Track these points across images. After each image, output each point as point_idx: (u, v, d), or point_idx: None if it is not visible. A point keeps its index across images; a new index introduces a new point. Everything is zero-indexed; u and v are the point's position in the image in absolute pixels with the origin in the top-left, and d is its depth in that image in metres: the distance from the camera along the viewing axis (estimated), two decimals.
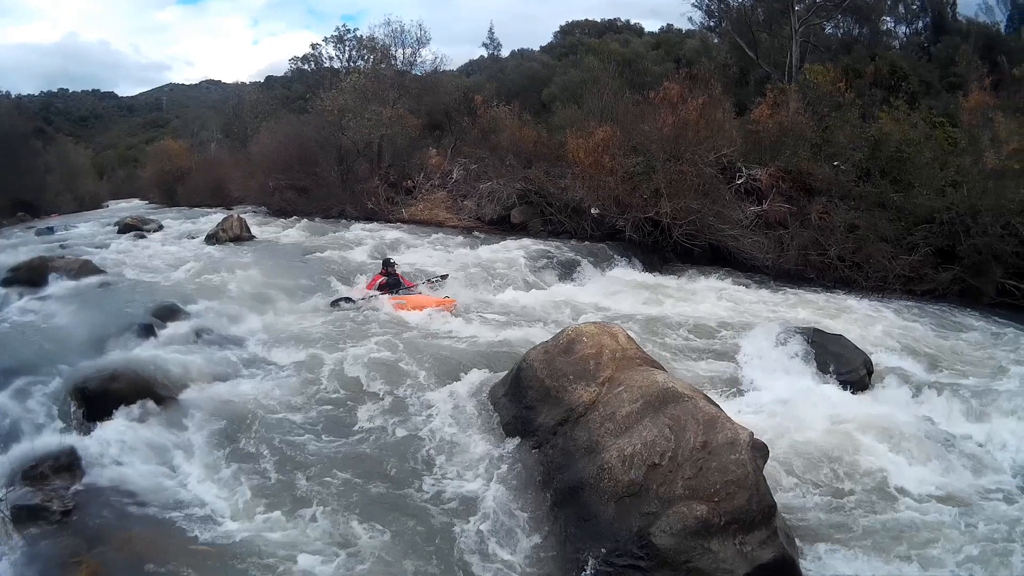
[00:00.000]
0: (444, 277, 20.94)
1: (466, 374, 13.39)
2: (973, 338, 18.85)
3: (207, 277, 21.35)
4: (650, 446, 8.81)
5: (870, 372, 14.78)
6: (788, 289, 23.98)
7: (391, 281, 19.71)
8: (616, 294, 21.51)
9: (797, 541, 8.99)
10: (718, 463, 8.44)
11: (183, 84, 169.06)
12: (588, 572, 8.23)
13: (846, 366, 14.56)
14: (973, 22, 50.06)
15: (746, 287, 23.94)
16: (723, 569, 7.90)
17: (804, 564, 8.63)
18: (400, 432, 11.49)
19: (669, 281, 24.51)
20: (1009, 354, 17.28)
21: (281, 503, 9.52)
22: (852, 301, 22.13)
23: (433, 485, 10.08)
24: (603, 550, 8.30)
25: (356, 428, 11.61)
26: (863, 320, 19.67)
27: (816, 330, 16.07)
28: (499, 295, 20.75)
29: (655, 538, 8.03)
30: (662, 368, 11.53)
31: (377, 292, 19.12)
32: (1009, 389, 14.54)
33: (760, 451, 9.06)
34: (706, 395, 10.31)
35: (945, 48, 45.19)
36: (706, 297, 21.91)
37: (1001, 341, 18.70)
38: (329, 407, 12.27)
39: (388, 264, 20.26)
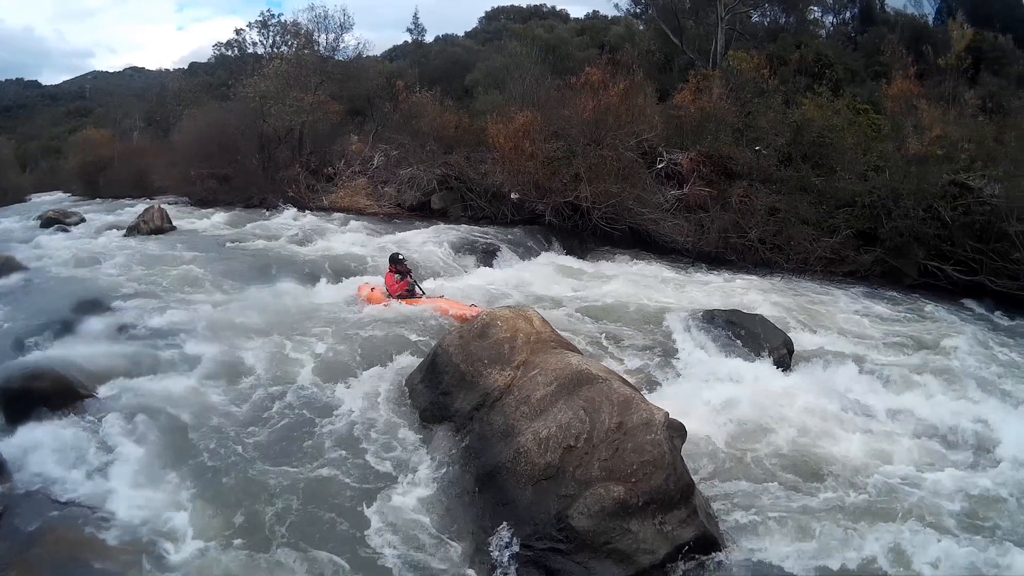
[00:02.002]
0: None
1: (385, 362, 13.38)
2: (894, 317, 19.36)
3: (130, 270, 20.90)
4: (565, 428, 8.79)
5: (790, 351, 14.83)
6: (709, 271, 24.21)
7: (402, 276, 17.84)
8: (536, 278, 21.43)
9: (720, 519, 9.11)
10: (634, 444, 8.44)
11: (107, 72, 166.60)
12: (508, 557, 8.19)
13: (766, 346, 14.60)
14: (901, 13, 50.95)
15: (666, 270, 24.03)
16: (643, 549, 7.97)
17: (726, 541, 8.70)
18: (318, 422, 11.34)
19: (589, 265, 24.58)
20: (930, 331, 17.79)
21: (202, 497, 9.31)
22: (773, 283, 22.50)
23: (350, 475, 9.94)
24: (523, 534, 8.27)
25: (276, 420, 11.39)
26: (784, 301, 19.93)
27: (735, 311, 16.26)
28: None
29: (573, 520, 8.03)
30: (577, 350, 11.60)
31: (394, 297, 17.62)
32: (930, 365, 14.98)
33: (677, 431, 9.04)
34: (621, 376, 10.34)
35: (872, 38, 45.66)
36: (625, 280, 21.89)
37: (922, 320, 19.28)
38: (250, 399, 12.03)
39: (397, 261, 17.96)
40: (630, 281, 21.76)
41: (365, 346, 14.13)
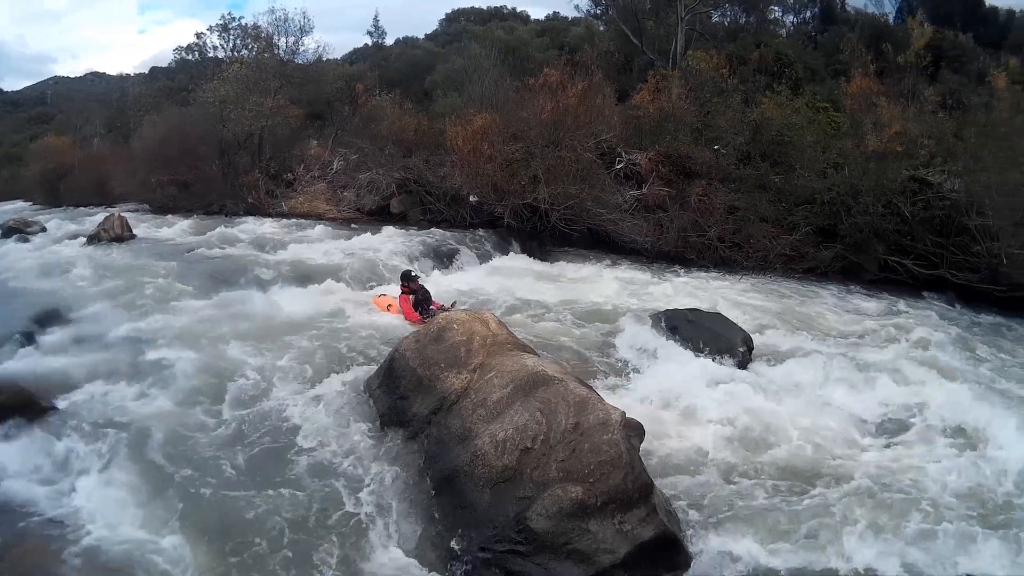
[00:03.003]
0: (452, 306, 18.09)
1: (344, 368, 13.38)
2: (855, 312, 19.64)
3: (90, 279, 20.66)
4: (522, 430, 8.81)
5: (750, 349, 14.95)
6: (668, 271, 24.34)
7: (419, 298, 17.26)
8: (494, 281, 21.40)
9: (683, 517, 9.19)
10: (591, 444, 8.45)
11: (69, 77, 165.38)
12: (468, 560, 8.23)
13: (725, 344, 14.69)
14: (862, 12, 51.48)
15: (625, 270, 24.13)
16: (604, 549, 7.99)
17: (688, 540, 8.79)
18: (278, 429, 11.24)
19: (548, 266, 24.63)
20: (890, 326, 17.93)
21: (165, 508, 9.21)
22: (733, 281, 22.78)
23: (310, 481, 9.89)
24: (482, 537, 8.30)
25: (237, 427, 11.28)
26: (744, 299, 20.16)
27: (694, 310, 16.44)
28: (376, 286, 20.43)
29: (532, 522, 8.04)
30: (535, 352, 11.61)
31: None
32: (890, 358, 15.19)
33: (635, 430, 9.04)
34: (577, 377, 10.34)
35: (832, 37, 46.15)
36: (585, 281, 22.08)
37: (883, 314, 19.50)
38: (211, 407, 11.90)
39: (409, 279, 17.49)
40: (589, 282, 21.88)
41: (326, 351, 14.09)
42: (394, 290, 18.41)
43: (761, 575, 8.40)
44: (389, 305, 17.43)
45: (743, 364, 14.48)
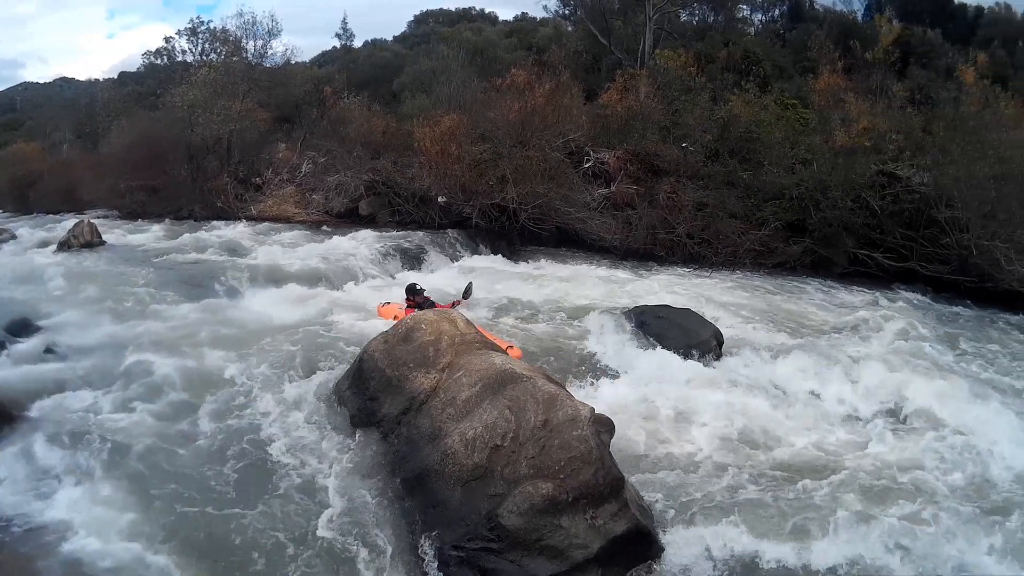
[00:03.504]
0: (467, 292, 18.35)
1: (313, 371, 13.39)
2: (825, 305, 20.09)
3: (60, 287, 20.33)
4: (491, 428, 8.83)
5: (720, 343, 15.11)
6: (637, 268, 24.56)
7: (425, 309, 15.77)
8: (463, 281, 20.86)
9: (654, 510, 9.26)
10: (560, 440, 8.49)
11: (37, 83, 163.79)
12: (441, 559, 8.24)
13: (695, 339, 14.79)
14: (830, 10, 51.69)
15: (595, 268, 24.32)
16: (576, 544, 8.06)
17: (662, 533, 8.86)
18: (249, 433, 11.18)
19: (517, 266, 24.81)
20: (860, 317, 18.32)
21: (142, 513, 9.16)
22: (702, 277, 23.12)
23: (282, 484, 9.88)
24: (455, 535, 8.31)
25: (208, 433, 11.23)
26: (714, 294, 20.39)
27: (664, 306, 16.59)
28: (345, 288, 20.46)
29: (504, 519, 8.08)
30: (502, 351, 11.58)
31: None
32: (860, 349, 15.48)
33: (605, 426, 9.10)
34: (546, 374, 10.44)
35: (800, 34, 46.28)
36: (554, 279, 22.16)
37: (853, 307, 19.88)
38: (182, 413, 11.83)
39: (415, 292, 17.10)
40: (558, 280, 21.94)
41: (299, 354, 14.05)
42: (387, 295, 18.62)
43: (734, 566, 8.48)
44: (395, 316, 16.53)
45: (715, 357, 14.60)
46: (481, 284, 20.25)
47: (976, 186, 21.46)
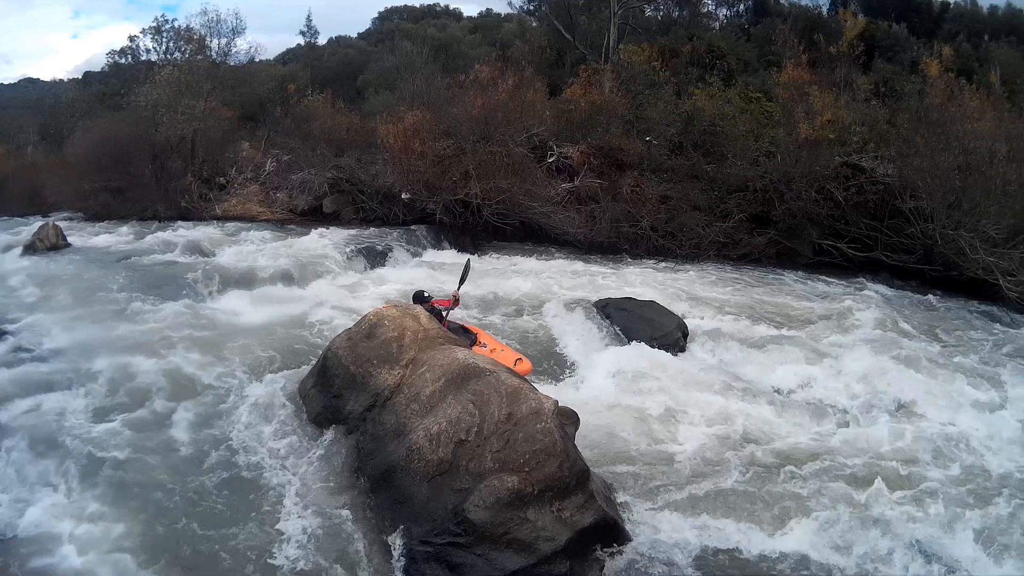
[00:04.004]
0: (465, 271, 16.32)
1: (278, 369, 13.45)
2: (790, 295, 20.36)
3: (25, 291, 20.29)
4: (455, 423, 8.89)
5: (685, 334, 15.29)
6: (602, 261, 24.60)
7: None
8: (428, 276, 21.57)
9: (622, 501, 9.36)
10: (525, 433, 8.54)
11: (1, 83, 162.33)
12: (410, 555, 8.25)
13: (660, 330, 14.95)
14: (795, 5, 51.84)
15: (559, 262, 24.49)
16: (543, 537, 8.10)
17: (629, 523, 8.93)
18: (217, 434, 11.22)
19: (480, 261, 24.40)
20: (825, 307, 18.87)
21: (102, 515, 9.15)
22: (666, 269, 23.35)
23: (248, 485, 9.91)
24: (422, 531, 8.34)
25: (177, 435, 11.21)
26: (678, 286, 20.59)
27: (628, 299, 16.77)
28: (310, 286, 20.38)
29: (470, 513, 8.11)
30: (465, 345, 11.75)
31: None
32: (824, 338, 15.92)
33: (569, 418, 9.22)
34: (509, 368, 10.61)
35: (765, 29, 46.39)
36: (518, 274, 22.28)
37: (817, 296, 20.32)
38: (146, 415, 11.78)
39: (421, 300, 14.71)
40: (523, 275, 22.04)
41: (263, 354, 14.11)
42: (356, 292, 19.05)
43: (701, 553, 8.59)
44: None
45: (679, 349, 14.74)
46: (444, 279, 20.38)
47: (941, 177, 21.80)
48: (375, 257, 23.98)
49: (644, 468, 10.30)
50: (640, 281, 21.05)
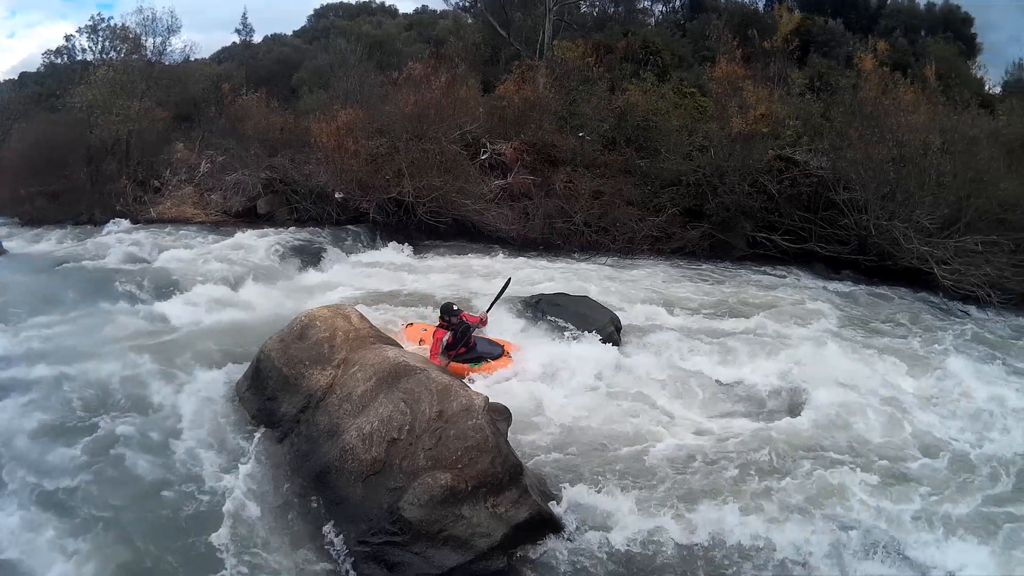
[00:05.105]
0: (506, 285, 15.82)
1: (214, 372, 13.26)
2: (723, 287, 20.80)
3: None
4: (387, 422, 8.98)
5: (619, 328, 15.45)
6: (536, 258, 24.85)
7: (460, 334, 14.07)
8: (361, 276, 21.70)
9: (557, 494, 9.44)
10: (456, 430, 8.66)
11: None
12: (346, 555, 8.31)
13: (593, 324, 14.98)
14: (731, 0, 51.74)
15: (492, 259, 24.58)
16: (479, 533, 8.26)
17: (564, 516, 9.04)
18: (151, 441, 10.95)
19: (415, 260, 24.92)
20: (758, 298, 19.28)
21: (33, 526, 8.98)
22: (600, 264, 23.68)
23: (183, 491, 9.73)
24: (358, 531, 8.44)
25: (109, 443, 10.91)
26: (612, 281, 20.93)
27: (561, 294, 17.00)
28: (244, 289, 20.13)
29: (405, 512, 8.21)
30: (397, 344, 11.89)
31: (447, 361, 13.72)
32: (756, 329, 16.36)
33: (501, 414, 9.37)
34: (439, 365, 10.89)
35: (700, 24, 46.78)
36: (451, 272, 22.46)
37: (751, 287, 20.76)
38: (84, 421, 11.59)
39: (451, 312, 14.02)
40: (456, 272, 22.26)
41: (198, 357, 13.96)
42: (290, 295, 19.00)
43: (634, 541, 8.71)
44: (421, 339, 14.91)
45: (613, 342, 14.81)
46: (377, 279, 20.88)
47: (875, 169, 22.36)
48: (309, 258, 23.85)
49: (579, 460, 10.42)
50: (574, 276, 21.26)
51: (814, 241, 23.59)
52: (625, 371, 13.57)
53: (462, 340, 13.94)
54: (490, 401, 9.19)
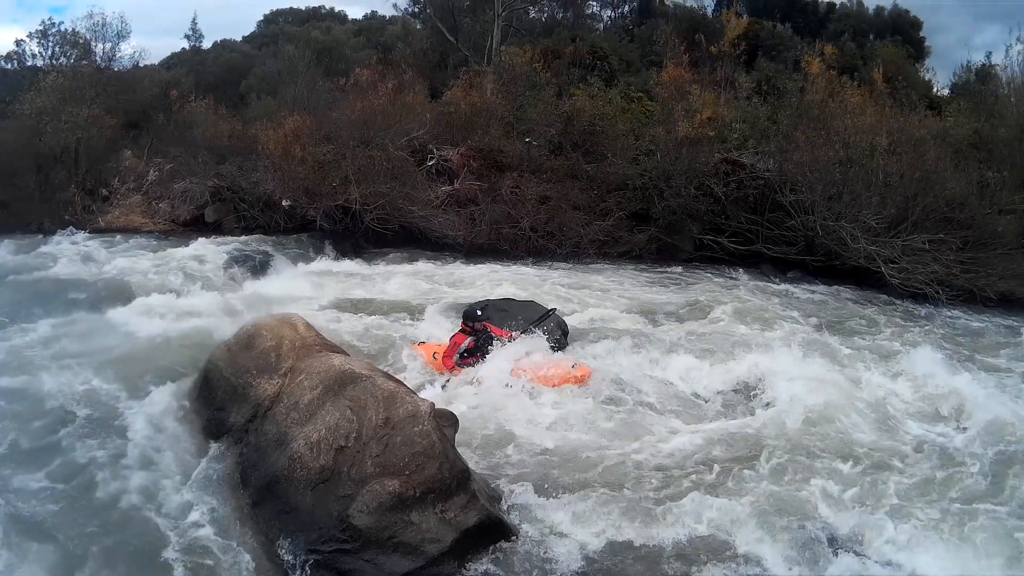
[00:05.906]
0: (548, 313, 15.53)
1: (164, 384, 12.90)
2: (670, 290, 21.14)
3: None
4: (334, 430, 8.94)
5: (565, 333, 15.53)
6: (483, 264, 24.88)
7: (481, 341, 14.02)
8: (308, 285, 21.53)
9: (507, 499, 9.49)
10: (403, 437, 8.60)
11: None
12: (298, 564, 8.23)
13: (540, 329, 14.70)
14: (680, 6, 52.43)
15: (439, 265, 24.67)
16: (429, 539, 8.18)
17: (515, 520, 9.04)
18: (100, 455, 10.74)
19: (362, 267, 24.79)
20: (706, 299, 19.29)
21: None
22: (547, 269, 23.89)
23: (131, 504, 9.55)
24: (309, 539, 8.36)
25: (54, 456, 10.78)
26: (559, 285, 21.04)
27: (507, 299, 17.00)
28: (191, 298, 19.84)
29: (354, 519, 8.16)
30: (343, 352, 11.72)
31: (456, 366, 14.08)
32: (705, 331, 16.50)
33: (447, 419, 9.31)
34: (385, 372, 10.59)
35: (648, 30, 47.31)
36: (398, 279, 22.28)
37: (698, 290, 20.94)
38: (30, 438, 11.34)
39: (474, 318, 14.04)
40: (403, 279, 22.13)
41: (147, 368, 13.68)
42: (240, 303, 18.62)
43: (586, 546, 8.68)
44: (435, 353, 14.63)
45: (560, 347, 14.89)
46: (323, 287, 20.83)
47: (821, 170, 22.77)
48: (256, 267, 23.74)
49: (529, 465, 10.42)
50: (521, 281, 21.39)
51: (761, 243, 23.93)
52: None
53: (482, 349, 13.96)
54: (436, 407, 9.15)
